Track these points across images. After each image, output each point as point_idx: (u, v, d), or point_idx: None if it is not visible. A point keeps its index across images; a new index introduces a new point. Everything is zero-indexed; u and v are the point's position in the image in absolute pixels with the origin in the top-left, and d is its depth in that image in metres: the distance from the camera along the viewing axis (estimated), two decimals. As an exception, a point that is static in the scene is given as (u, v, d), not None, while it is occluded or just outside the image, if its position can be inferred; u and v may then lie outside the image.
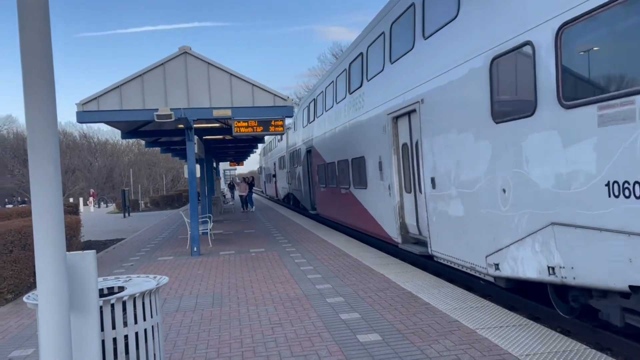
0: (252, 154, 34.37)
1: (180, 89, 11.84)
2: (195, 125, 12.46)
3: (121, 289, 3.78)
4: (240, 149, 27.76)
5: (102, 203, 57.38)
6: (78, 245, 13.03)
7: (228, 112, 11.99)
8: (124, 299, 3.47)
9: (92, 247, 15.31)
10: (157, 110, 11.22)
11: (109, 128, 51.54)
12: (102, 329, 3.33)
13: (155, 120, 11.11)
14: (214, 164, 30.13)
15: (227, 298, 7.58)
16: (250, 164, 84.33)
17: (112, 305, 3.42)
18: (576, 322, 6.15)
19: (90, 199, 51.05)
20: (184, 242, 14.50)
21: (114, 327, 3.42)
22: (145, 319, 3.60)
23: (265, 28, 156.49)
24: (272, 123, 12.02)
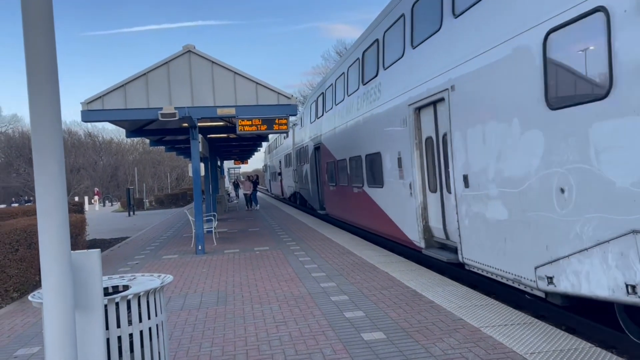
0: (257, 152, 34.48)
1: (185, 88, 11.87)
2: (199, 123, 12.48)
3: (126, 287, 3.79)
4: (244, 147, 27.84)
5: (107, 201, 57.61)
6: (83, 244, 13.11)
7: (232, 111, 12.01)
8: (128, 298, 3.48)
9: (97, 245, 15.38)
10: (161, 109, 11.24)
11: (113, 127, 51.63)
12: (107, 328, 3.34)
13: (160, 119, 11.13)
14: (218, 163, 30.24)
15: (232, 296, 7.59)
16: (255, 162, 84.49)
17: (117, 304, 3.44)
18: (582, 320, 6.10)
19: (95, 197, 51.29)
20: (189, 241, 14.54)
21: (118, 326, 3.44)
22: (149, 318, 3.61)
23: (269, 26, 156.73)
24: (276, 121, 12.02)
